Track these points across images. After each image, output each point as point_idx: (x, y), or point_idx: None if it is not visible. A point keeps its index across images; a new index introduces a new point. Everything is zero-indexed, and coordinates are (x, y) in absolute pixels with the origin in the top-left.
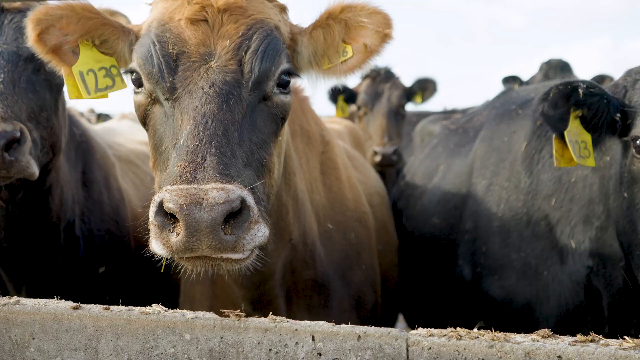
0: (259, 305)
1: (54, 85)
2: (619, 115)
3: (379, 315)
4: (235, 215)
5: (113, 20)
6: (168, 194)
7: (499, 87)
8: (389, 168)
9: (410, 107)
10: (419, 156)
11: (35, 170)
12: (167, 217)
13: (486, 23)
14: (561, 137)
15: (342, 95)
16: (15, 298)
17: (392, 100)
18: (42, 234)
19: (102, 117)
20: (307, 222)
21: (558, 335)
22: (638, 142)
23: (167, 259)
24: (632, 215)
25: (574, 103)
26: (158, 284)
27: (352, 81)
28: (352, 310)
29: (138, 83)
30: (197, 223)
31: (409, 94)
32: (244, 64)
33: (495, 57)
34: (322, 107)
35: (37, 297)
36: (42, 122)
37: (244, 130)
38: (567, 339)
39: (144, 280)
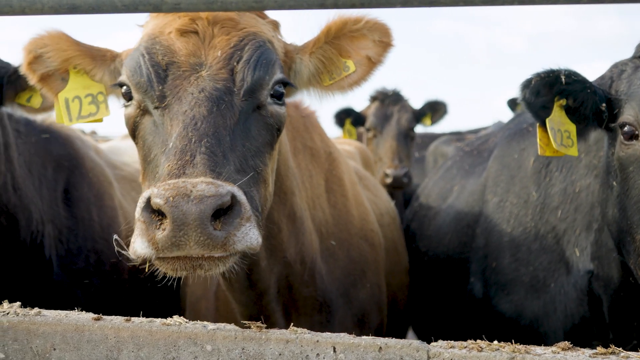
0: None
1: None
2: (604, 105)
3: (384, 335)
4: (226, 213)
5: (91, 50)
6: (156, 189)
7: (500, 110)
8: (398, 190)
9: (416, 128)
10: (433, 178)
11: None
12: (155, 214)
13: (487, 46)
14: (544, 126)
15: (349, 119)
16: (36, 309)
17: (402, 123)
18: None
19: None
20: (307, 240)
21: (578, 348)
22: (625, 128)
23: (149, 262)
24: (623, 202)
25: (557, 91)
26: (156, 303)
27: (360, 104)
28: (355, 329)
29: (128, 96)
30: (185, 216)
31: (418, 116)
32: (235, 73)
33: (495, 80)
34: (331, 129)
35: None
36: None
37: (237, 136)
38: (588, 351)
39: (140, 300)
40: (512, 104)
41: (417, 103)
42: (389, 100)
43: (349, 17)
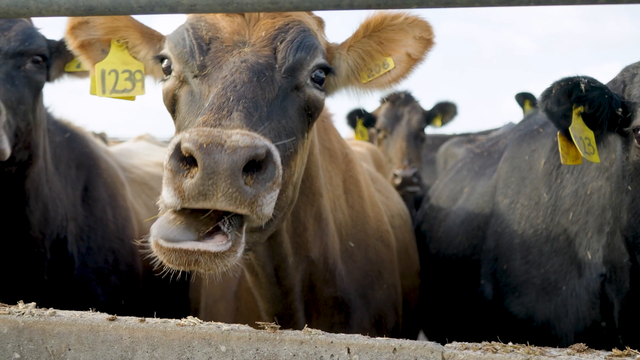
0: (282, 321)
1: (34, 83)
2: (620, 110)
3: (399, 335)
4: (258, 170)
5: (141, 25)
6: (188, 134)
7: (510, 111)
8: (409, 188)
9: (427, 130)
10: (443, 179)
11: (6, 147)
12: (183, 163)
13: (496, 48)
14: (565, 135)
15: (361, 120)
16: (51, 309)
17: (412, 124)
18: (23, 250)
19: None
20: (330, 241)
21: (593, 350)
22: None
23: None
24: (637, 207)
25: (575, 99)
26: (168, 304)
27: (371, 105)
28: (372, 329)
29: (167, 70)
30: (216, 164)
31: (428, 117)
32: (278, 51)
33: (505, 81)
34: (342, 130)
35: None
36: (20, 114)
37: (274, 111)
38: (603, 353)
39: (152, 300)
40: (521, 98)
41: (427, 104)
42: (399, 101)
43: (389, 13)
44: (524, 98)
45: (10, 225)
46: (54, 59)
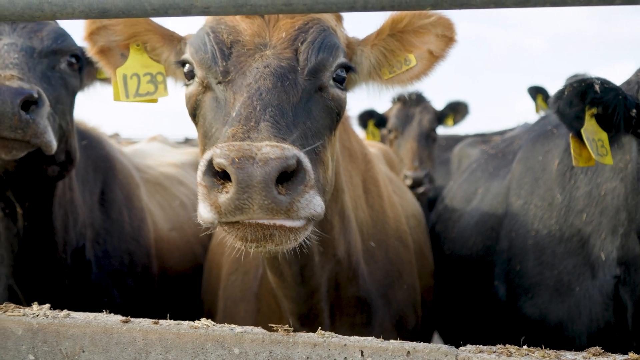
0: (307, 321)
1: (69, 86)
2: (635, 111)
3: (419, 336)
4: (289, 178)
5: (161, 28)
6: (219, 150)
7: (522, 112)
8: (419, 189)
9: (440, 130)
10: (457, 180)
11: (52, 139)
12: (217, 178)
13: (507, 48)
14: (578, 136)
15: (372, 120)
16: (65, 311)
17: (423, 124)
18: (48, 254)
19: None
20: (352, 239)
21: (609, 353)
22: None
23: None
24: None
25: (589, 101)
26: (183, 307)
27: (383, 106)
28: (393, 330)
29: (190, 75)
30: (250, 178)
31: (440, 117)
32: (299, 53)
33: (517, 82)
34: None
35: None
36: (59, 112)
37: (299, 114)
38: (619, 356)
39: (167, 302)
40: (533, 92)
41: (439, 106)
42: (411, 101)
43: (414, 12)
44: (536, 92)
45: (38, 230)
46: (85, 66)
